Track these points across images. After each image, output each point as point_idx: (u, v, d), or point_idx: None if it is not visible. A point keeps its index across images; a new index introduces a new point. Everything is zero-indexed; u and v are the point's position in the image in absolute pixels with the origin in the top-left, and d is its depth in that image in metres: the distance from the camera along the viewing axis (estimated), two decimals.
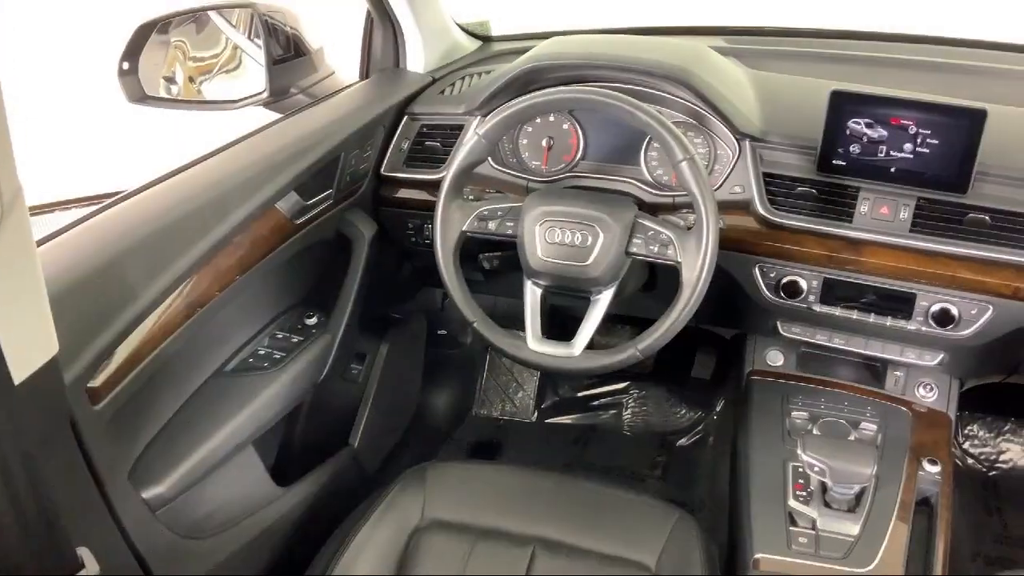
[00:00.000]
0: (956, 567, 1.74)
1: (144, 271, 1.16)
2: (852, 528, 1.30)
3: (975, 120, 1.31)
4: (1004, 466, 2.18)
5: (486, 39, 2.03)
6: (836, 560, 1.25)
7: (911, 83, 1.64)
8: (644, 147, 1.57)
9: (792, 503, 1.34)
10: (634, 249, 1.35)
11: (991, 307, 1.40)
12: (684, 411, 2.33)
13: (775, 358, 1.66)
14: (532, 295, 1.43)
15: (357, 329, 1.70)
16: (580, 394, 2.43)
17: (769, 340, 1.66)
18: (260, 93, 1.67)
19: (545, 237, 1.37)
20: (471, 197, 1.49)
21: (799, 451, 1.32)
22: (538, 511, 1.38)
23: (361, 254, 1.60)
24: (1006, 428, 2.20)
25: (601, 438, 2.34)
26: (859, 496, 1.33)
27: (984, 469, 2.17)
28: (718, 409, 2.26)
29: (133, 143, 3.42)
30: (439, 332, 2.20)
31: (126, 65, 1.60)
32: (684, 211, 1.50)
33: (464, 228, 1.43)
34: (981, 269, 1.38)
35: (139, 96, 1.63)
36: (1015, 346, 1.49)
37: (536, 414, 2.41)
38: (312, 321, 1.58)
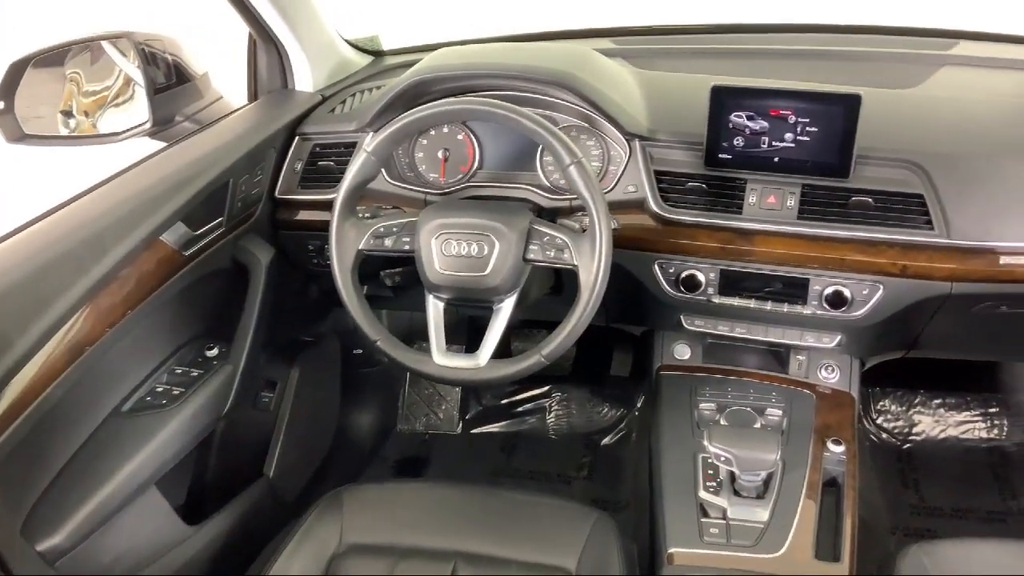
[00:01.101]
0: (875, 542, 1.78)
1: (18, 317, 1.11)
2: (762, 514, 1.32)
3: (850, 106, 1.35)
4: (917, 438, 2.24)
5: (377, 54, 2.01)
6: (747, 548, 1.27)
7: (793, 73, 1.69)
8: (539, 153, 1.57)
9: (703, 495, 1.36)
10: (531, 255, 1.35)
11: (881, 286, 1.43)
12: (606, 410, 2.35)
13: (682, 352, 1.68)
14: (435, 309, 1.42)
15: (263, 357, 1.66)
16: (504, 402, 2.43)
17: (675, 334, 1.68)
18: (143, 124, 1.62)
19: (442, 250, 1.36)
20: (367, 215, 1.47)
21: (705, 443, 1.34)
22: (458, 525, 1.37)
23: (259, 281, 1.57)
24: (916, 400, 2.27)
25: (527, 444, 2.34)
26: (767, 482, 1.35)
27: (898, 443, 2.23)
28: (639, 405, 2.28)
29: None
30: (355, 352, 2.17)
31: (1, 104, 1.55)
32: (580, 214, 1.51)
33: (360, 247, 1.41)
34: (868, 250, 1.41)
35: (17, 136, 1.58)
36: (908, 323, 1.54)
37: (461, 425, 2.40)
38: (213, 353, 1.54)
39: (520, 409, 2.41)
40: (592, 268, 1.30)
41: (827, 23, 1.87)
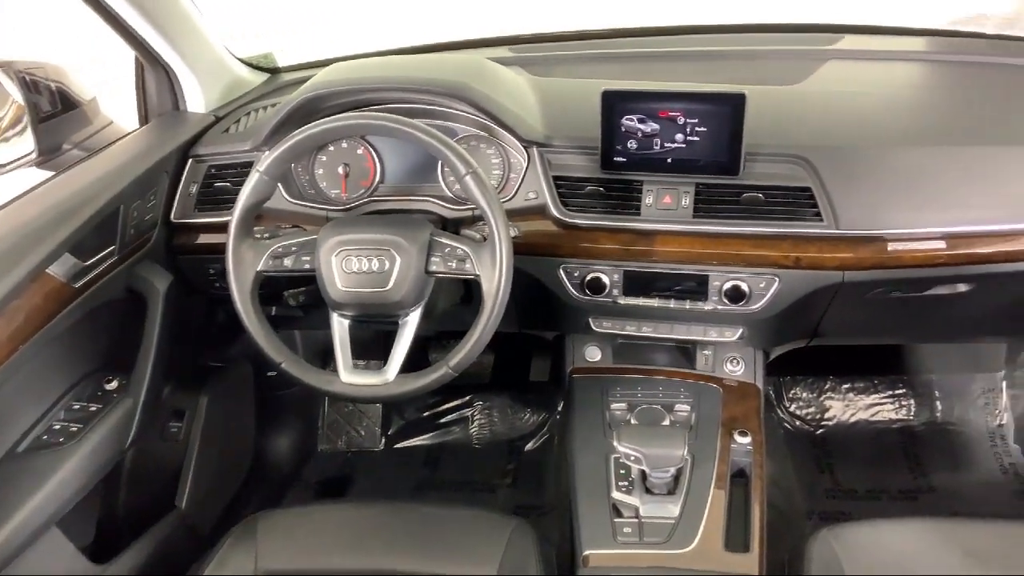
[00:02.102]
0: (791, 528, 1.82)
1: None
2: (673, 510, 1.33)
3: (735, 105, 1.38)
4: (829, 423, 2.30)
5: (272, 71, 1.98)
6: (659, 544, 1.29)
7: (685, 74, 1.73)
8: (440, 164, 1.57)
9: (616, 495, 1.37)
10: (433, 267, 1.35)
11: (777, 279, 1.47)
12: (528, 415, 2.36)
13: (593, 354, 1.70)
14: (339, 327, 1.40)
15: (168, 386, 1.62)
16: (426, 414, 2.42)
17: (585, 337, 1.70)
18: (28, 154, 1.57)
19: (342, 267, 1.35)
20: (266, 235, 1.45)
21: (615, 443, 1.35)
22: (376, 545, 1.36)
23: (157, 309, 1.53)
24: (826, 387, 2.33)
25: (451, 455, 2.33)
26: (677, 478, 1.37)
27: (812, 428, 2.29)
28: (559, 409, 2.29)
29: None
30: (269, 374, 2.13)
31: None
32: (482, 223, 1.51)
33: (259, 268, 1.38)
34: (762, 244, 1.45)
35: None
36: (806, 312, 1.58)
37: (384, 441, 2.38)
38: (112, 386, 1.50)
39: (443, 420, 2.40)
40: (494, 277, 1.30)
41: (716, 24, 1.91)
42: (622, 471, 1.40)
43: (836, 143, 1.46)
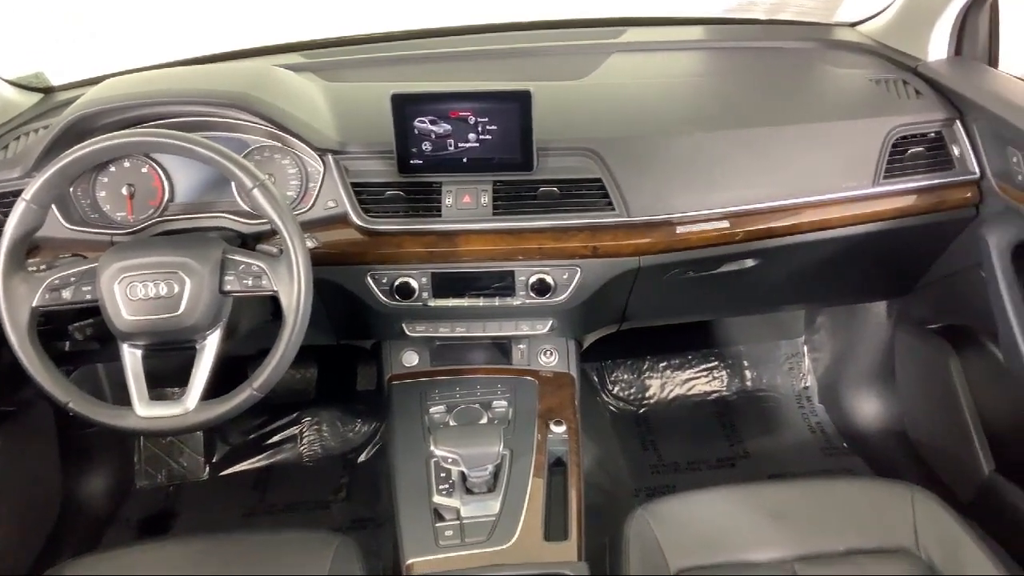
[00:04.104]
0: (620, 508, 1.88)
1: None
2: (494, 507, 1.34)
3: (523, 101, 1.40)
4: (650, 401, 2.39)
5: (45, 90, 1.85)
6: (481, 543, 1.29)
7: (477, 74, 1.74)
8: None
9: (437, 499, 1.36)
10: (228, 287, 1.29)
11: (579, 269, 1.51)
12: (358, 426, 2.32)
13: (410, 359, 1.68)
14: (131, 358, 1.32)
15: None
16: (252, 437, 2.33)
17: (401, 343, 1.68)
18: None
19: (127, 294, 1.27)
20: (42, 267, 1.34)
21: (432, 447, 1.35)
22: None
23: None
24: (645, 367, 2.42)
25: (281, 476, 2.26)
26: (496, 475, 1.38)
27: (635, 408, 2.37)
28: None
29: None
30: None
31: None
32: (278, 237, 1.47)
33: (34, 304, 1.28)
34: (561, 236, 1.48)
35: None
36: (611, 299, 1.63)
37: (208, 470, 2.28)
38: None
39: (270, 442, 2.32)
40: (292, 291, 1.27)
41: (505, 22, 1.94)
42: (442, 474, 1.39)
43: (622, 134, 1.51)
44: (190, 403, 1.28)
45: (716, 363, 2.44)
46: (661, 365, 2.42)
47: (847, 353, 2.26)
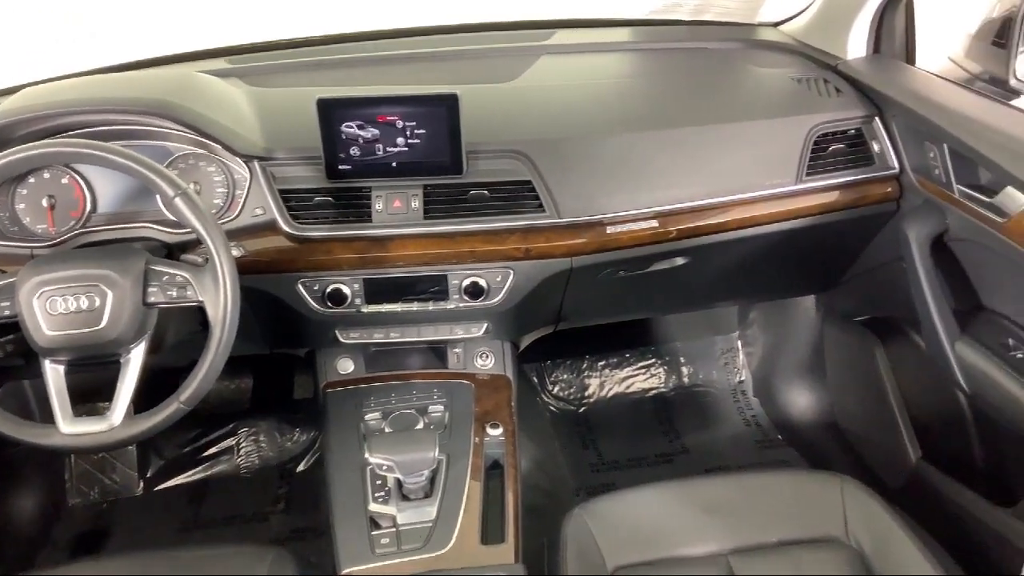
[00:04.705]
0: (560, 508, 1.88)
1: None
2: (430, 513, 1.33)
3: (450, 105, 1.40)
4: (590, 400, 2.41)
5: None
6: (417, 550, 1.28)
7: (405, 78, 1.73)
8: None
9: (373, 507, 1.35)
10: (152, 299, 1.27)
11: (512, 271, 1.51)
12: (296, 435, 2.29)
13: (345, 366, 1.67)
14: (53, 374, 1.28)
15: None
16: (187, 450, 2.28)
17: (335, 350, 1.67)
18: None
19: (47, 309, 1.23)
20: None
21: (366, 455, 1.34)
22: None
23: None
24: (584, 366, 2.44)
25: (218, 489, 2.22)
26: (433, 480, 1.38)
27: (575, 408, 2.39)
28: None
29: None
30: None
31: None
32: (204, 246, 1.44)
33: None
34: (494, 239, 1.48)
35: None
36: (545, 300, 1.63)
37: (142, 485, 2.22)
38: None
39: (206, 454, 2.27)
40: (219, 301, 1.24)
41: (434, 25, 1.93)
42: (378, 482, 1.38)
43: (551, 136, 1.51)
44: (115, 418, 1.26)
45: (654, 360, 2.47)
46: (600, 364, 2.43)
47: (779, 347, 2.31)
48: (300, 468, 2.24)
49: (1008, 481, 1.56)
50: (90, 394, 1.41)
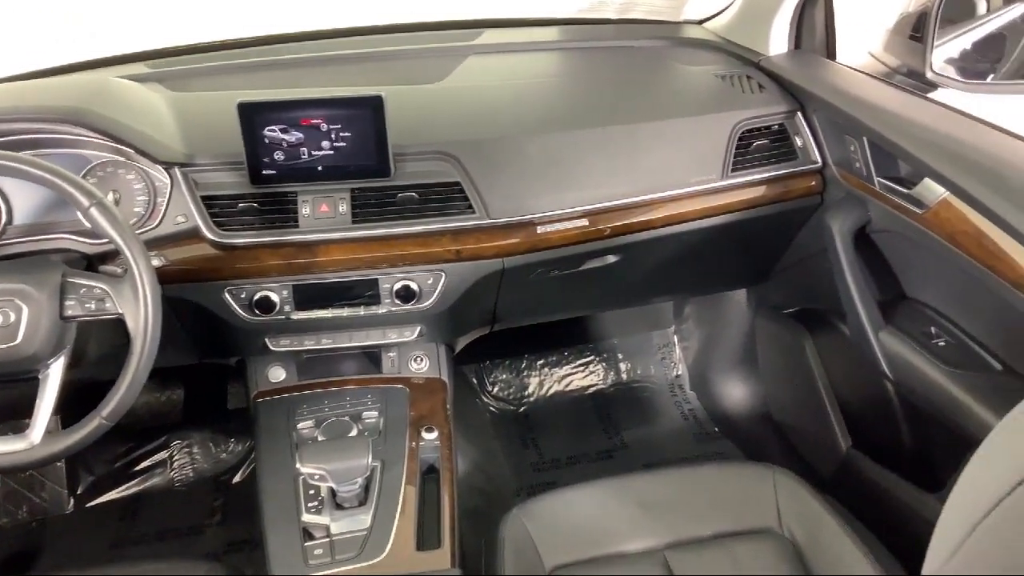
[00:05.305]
0: (501, 510, 1.88)
1: None
2: (365, 521, 1.32)
3: (375, 107, 1.38)
4: (530, 399, 2.41)
5: None
6: (352, 559, 1.27)
7: (331, 79, 1.71)
8: None
9: (306, 518, 1.33)
10: (69, 312, 1.23)
11: (443, 274, 1.50)
12: (232, 446, 2.24)
13: (276, 374, 1.64)
14: None
15: None
16: (118, 465, 2.22)
17: (266, 358, 1.64)
18: None
19: None
20: None
21: (298, 465, 1.31)
22: None
23: None
24: (523, 366, 2.44)
25: (152, 503, 2.16)
26: (368, 487, 1.36)
27: (515, 407, 2.38)
28: None
29: None
30: None
31: None
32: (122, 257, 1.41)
33: None
34: (424, 241, 1.47)
35: None
36: (478, 302, 1.63)
37: (73, 502, 2.16)
38: None
39: (138, 469, 2.22)
40: (139, 314, 1.21)
41: (360, 26, 1.91)
42: (311, 492, 1.36)
43: (479, 137, 1.51)
44: (35, 436, 1.22)
45: (592, 357, 2.48)
46: (539, 363, 2.44)
47: (714, 341, 2.34)
48: (236, 479, 2.20)
49: (934, 467, 1.60)
50: (11, 412, 1.36)
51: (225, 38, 1.91)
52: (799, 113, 1.64)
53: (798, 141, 1.63)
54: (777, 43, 1.77)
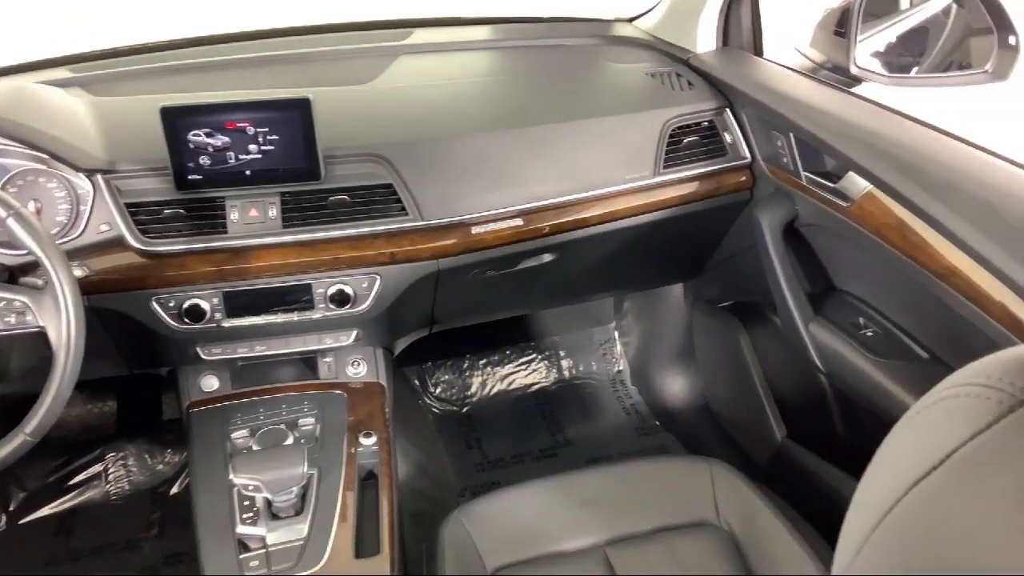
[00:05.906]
0: (445, 511, 1.88)
1: None
2: (302, 530, 1.29)
3: (302, 109, 1.36)
4: (472, 399, 2.40)
5: None
6: (288, 570, 1.24)
7: (259, 81, 1.68)
8: None
9: (241, 529, 1.30)
10: None
11: (378, 277, 1.48)
12: (168, 457, 2.20)
13: (209, 383, 1.60)
14: None
15: None
16: (52, 479, 2.16)
17: (198, 367, 1.60)
18: None
19: None
20: None
21: (231, 476, 1.29)
22: None
23: None
24: (465, 366, 2.43)
25: (87, 518, 2.11)
26: (305, 496, 1.34)
27: (458, 408, 2.38)
28: None
29: None
30: None
31: None
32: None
33: None
34: (358, 245, 1.45)
35: None
36: (415, 304, 1.62)
37: (4, 519, 2.09)
38: None
39: (73, 482, 2.16)
40: (62, 326, 1.17)
41: (288, 27, 1.88)
42: (246, 503, 1.33)
43: (410, 138, 1.49)
44: None
45: (534, 355, 2.48)
46: (481, 362, 2.43)
47: (653, 336, 2.36)
48: (174, 491, 2.15)
49: (866, 455, 1.63)
50: None
51: (148, 41, 1.86)
52: (728, 110, 1.66)
53: (727, 137, 1.65)
54: (705, 40, 1.79)
